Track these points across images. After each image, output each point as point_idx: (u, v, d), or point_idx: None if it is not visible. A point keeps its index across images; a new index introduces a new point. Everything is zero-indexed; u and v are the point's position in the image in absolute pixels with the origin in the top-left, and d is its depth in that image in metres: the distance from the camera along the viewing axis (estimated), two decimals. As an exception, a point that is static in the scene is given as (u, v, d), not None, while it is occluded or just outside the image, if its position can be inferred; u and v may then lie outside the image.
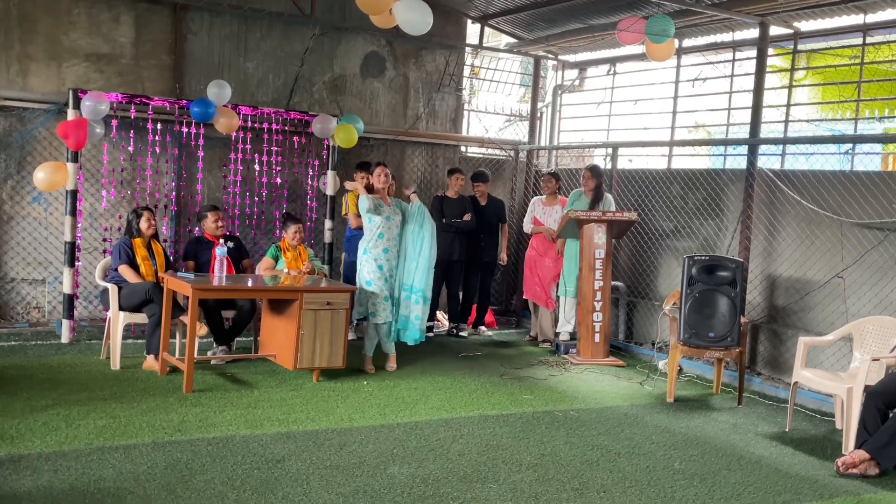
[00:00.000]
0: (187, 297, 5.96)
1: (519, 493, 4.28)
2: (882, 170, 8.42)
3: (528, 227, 8.56)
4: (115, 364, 6.31)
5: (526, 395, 6.33)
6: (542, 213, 8.42)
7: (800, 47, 7.87)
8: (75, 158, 7.04)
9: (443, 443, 5.02)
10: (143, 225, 6.56)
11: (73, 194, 7.07)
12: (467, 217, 8.31)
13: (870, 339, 5.90)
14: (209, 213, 6.98)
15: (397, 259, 6.81)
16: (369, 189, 6.78)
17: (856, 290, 6.59)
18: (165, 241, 7.68)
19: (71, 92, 6.97)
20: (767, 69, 7.71)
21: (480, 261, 8.61)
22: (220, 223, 6.94)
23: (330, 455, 4.67)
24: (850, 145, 7.58)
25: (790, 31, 7.65)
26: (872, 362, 5.40)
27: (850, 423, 5.28)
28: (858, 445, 5.00)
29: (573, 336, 7.96)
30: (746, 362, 6.98)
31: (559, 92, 10.37)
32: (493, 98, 10.63)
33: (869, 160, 7.76)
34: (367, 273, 6.70)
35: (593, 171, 8.02)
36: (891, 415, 5.00)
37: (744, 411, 6.28)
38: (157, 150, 7.65)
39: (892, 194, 6.38)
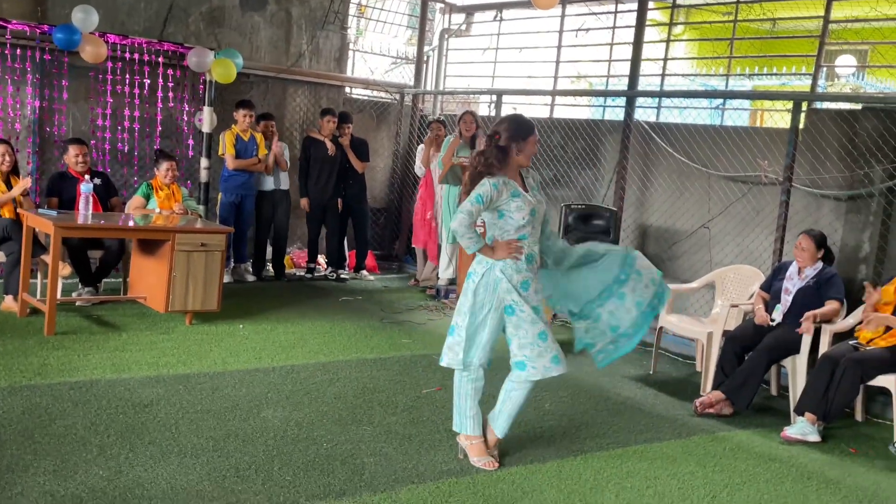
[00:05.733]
0: (49, 235, 5.65)
1: (392, 434, 4.32)
2: (750, 125, 8.80)
3: (420, 170, 8.52)
4: (-30, 305, 5.94)
5: (404, 339, 6.37)
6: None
7: (678, 2, 8.05)
8: (-78, 83, 6.49)
9: (319, 386, 5.00)
10: None
11: (-80, 122, 6.53)
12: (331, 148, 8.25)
13: (730, 287, 6.22)
14: (71, 146, 6.59)
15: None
16: (486, 165, 3.95)
17: (720, 241, 6.91)
18: (28, 175, 7.22)
19: (-85, 9, 6.39)
20: (647, 23, 7.86)
21: (350, 204, 8.55)
22: (81, 157, 6.56)
23: (201, 399, 4.56)
24: (722, 100, 7.87)
25: (670, -15, 7.82)
26: (731, 309, 5.70)
27: (709, 366, 5.58)
28: (715, 387, 5.30)
29: (452, 281, 8.04)
30: (617, 308, 7.22)
31: (446, 36, 10.28)
32: (380, 39, 10.44)
33: (738, 115, 8.09)
34: (507, 295, 3.96)
35: (475, 115, 8.02)
36: (746, 358, 5.30)
37: (613, 355, 6.51)
38: (17, 77, 7.13)
39: (758, 149, 6.68)
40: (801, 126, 6.26)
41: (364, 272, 8.83)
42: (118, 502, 3.29)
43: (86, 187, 6.05)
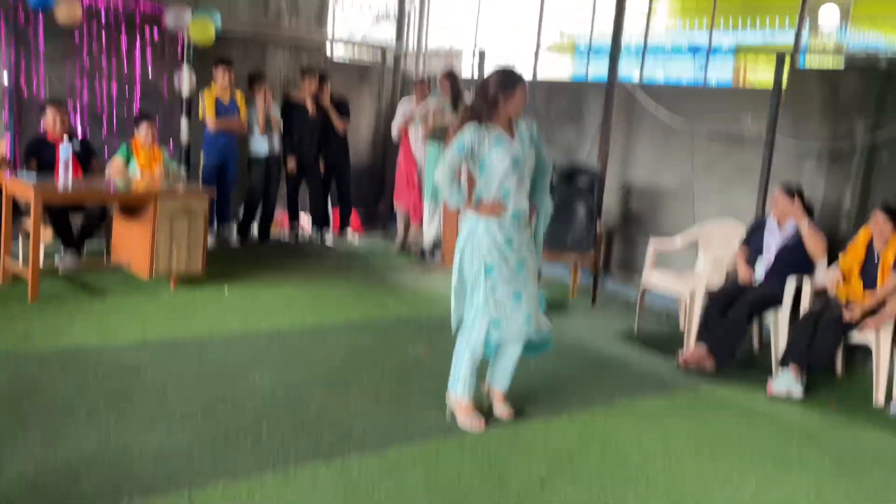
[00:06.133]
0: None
1: (380, 396, 4.35)
2: (733, 80, 8.79)
3: (395, 138, 8.43)
4: (-49, 272, 5.90)
5: (391, 301, 6.39)
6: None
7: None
8: None
9: (306, 349, 5.01)
10: None
11: None
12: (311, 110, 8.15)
13: (714, 243, 6.25)
14: (48, 108, 6.48)
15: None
16: (474, 115, 3.91)
17: (704, 198, 6.93)
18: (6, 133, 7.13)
19: None
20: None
21: (332, 164, 8.50)
22: (59, 120, 6.45)
23: (188, 364, 4.57)
24: (705, 56, 7.83)
25: (654, -61, 7.72)
26: (715, 265, 5.73)
27: (692, 322, 5.63)
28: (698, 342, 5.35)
29: (437, 242, 8.03)
30: (601, 265, 7.27)
31: (427, -8, 10.13)
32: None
33: (723, 70, 8.05)
34: (488, 254, 3.92)
35: (450, 76, 7.91)
36: (729, 314, 5.35)
37: (597, 313, 6.57)
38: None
39: (740, 107, 6.67)
40: (784, 86, 6.24)
41: (348, 232, 8.81)
42: (109, 468, 3.31)
43: (65, 151, 5.97)
